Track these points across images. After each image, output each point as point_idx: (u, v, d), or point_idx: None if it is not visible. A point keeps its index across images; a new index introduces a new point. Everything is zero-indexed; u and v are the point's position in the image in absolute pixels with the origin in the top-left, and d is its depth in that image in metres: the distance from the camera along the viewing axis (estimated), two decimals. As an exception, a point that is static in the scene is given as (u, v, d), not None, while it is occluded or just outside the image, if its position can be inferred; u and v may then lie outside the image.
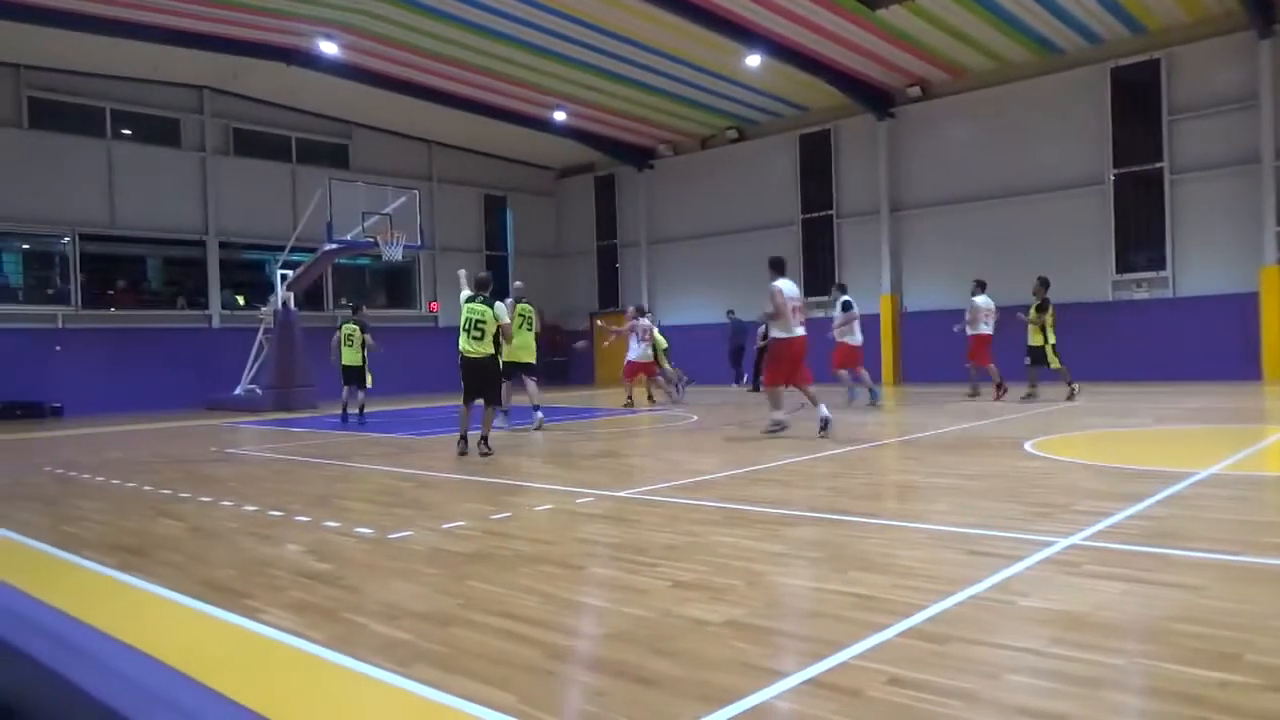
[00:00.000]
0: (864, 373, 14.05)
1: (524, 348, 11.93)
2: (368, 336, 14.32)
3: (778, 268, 10.34)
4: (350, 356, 14.22)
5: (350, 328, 14.34)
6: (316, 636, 3.39)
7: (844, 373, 14.04)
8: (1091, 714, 2.48)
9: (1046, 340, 13.61)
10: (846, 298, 14.25)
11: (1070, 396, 13.37)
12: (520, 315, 11.95)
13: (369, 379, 14.43)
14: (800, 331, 10.13)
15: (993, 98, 19.45)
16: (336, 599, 3.93)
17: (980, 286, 15.00)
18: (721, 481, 6.95)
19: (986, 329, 14.63)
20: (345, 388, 14.45)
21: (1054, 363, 13.57)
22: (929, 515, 5.34)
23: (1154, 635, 3.11)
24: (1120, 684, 2.71)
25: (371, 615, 3.68)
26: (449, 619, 3.56)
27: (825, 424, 9.64)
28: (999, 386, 14.45)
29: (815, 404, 9.92)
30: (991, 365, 14.53)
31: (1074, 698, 2.57)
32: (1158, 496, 5.57)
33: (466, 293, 9.58)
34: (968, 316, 14.75)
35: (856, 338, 14.04)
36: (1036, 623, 3.26)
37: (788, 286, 10.12)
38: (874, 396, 13.70)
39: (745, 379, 19.14)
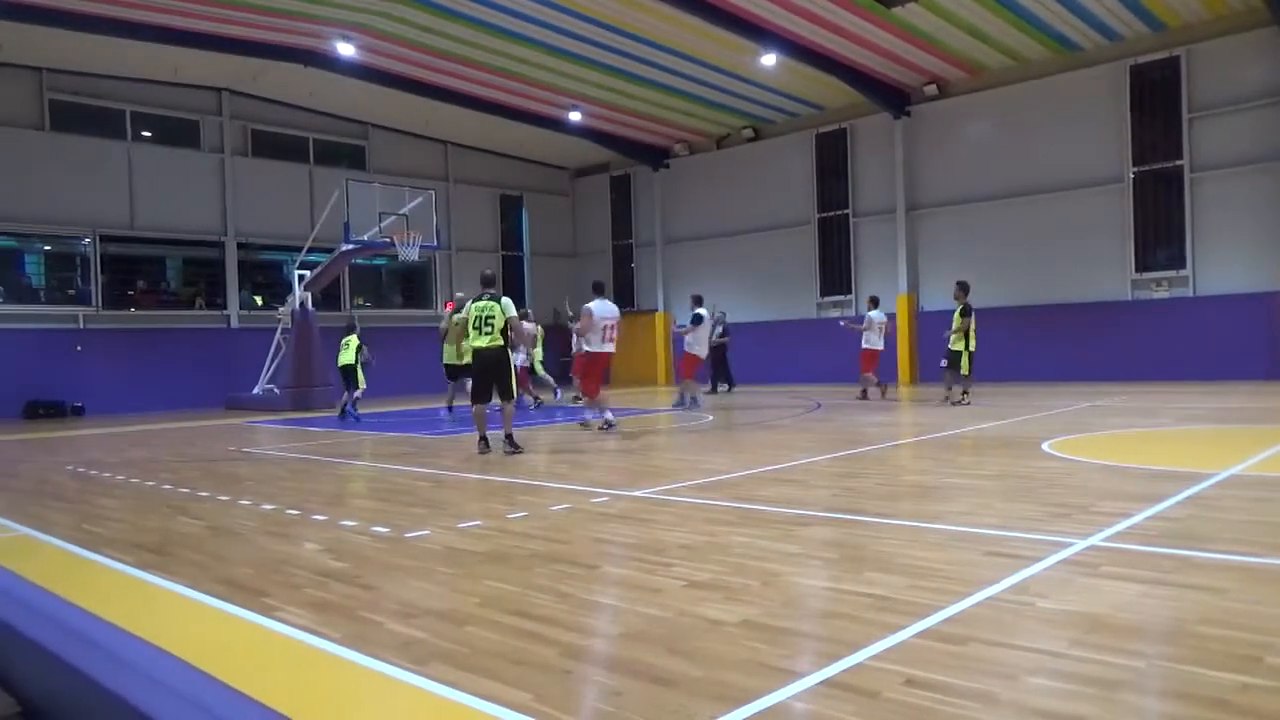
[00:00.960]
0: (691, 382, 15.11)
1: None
2: (364, 347, 15.25)
3: (597, 290, 11.95)
4: (345, 358, 15.02)
5: (348, 338, 15.24)
6: (333, 635, 3.41)
7: (687, 381, 15.13)
8: (1110, 716, 2.46)
9: (966, 347, 13.51)
10: (700, 310, 15.34)
11: (956, 402, 13.45)
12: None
13: (362, 380, 15.21)
14: (609, 348, 11.48)
15: (1010, 96, 19.32)
16: (353, 597, 3.95)
17: (873, 302, 16.25)
18: (737, 481, 6.93)
19: (877, 343, 15.74)
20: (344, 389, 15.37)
21: (965, 368, 13.51)
22: (946, 516, 5.31)
23: (1174, 637, 3.08)
24: (1139, 686, 2.68)
25: (388, 614, 3.69)
26: (465, 618, 3.58)
27: (608, 424, 11.19)
28: (879, 388, 15.94)
29: (602, 409, 11.40)
30: (870, 374, 15.75)
31: (1093, 700, 2.55)
32: (1178, 497, 5.52)
33: (459, 315, 10.39)
34: (864, 327, 15.88)
35: (703, 349, 15.30)
36: (1055, 624, 3.24)
37: (600, 307, 11.43)
38: (696, 404, 14.75)
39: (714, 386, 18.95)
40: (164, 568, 4.66)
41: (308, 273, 18.89)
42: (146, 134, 20.89)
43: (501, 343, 9.38)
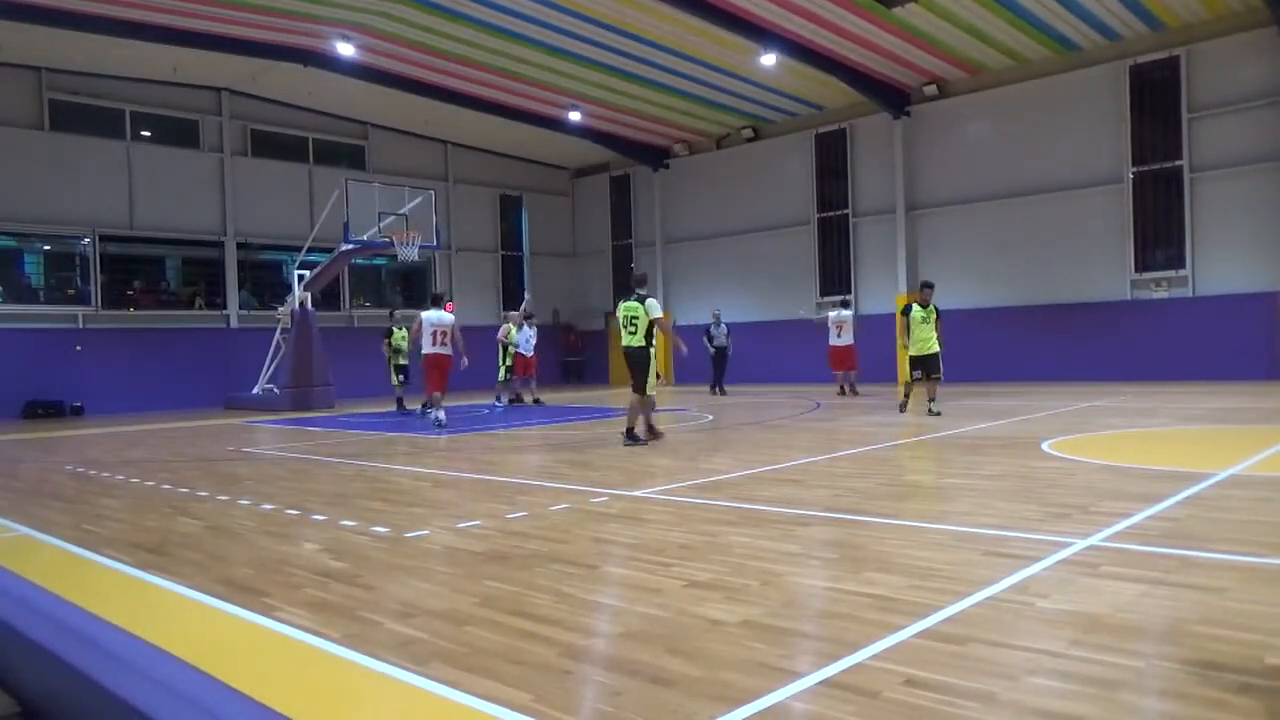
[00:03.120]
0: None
1: None
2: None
3: (434, 301, 13.53)
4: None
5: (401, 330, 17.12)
6: (333, 635, 3.41)
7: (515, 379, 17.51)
8: (1110, 716, 2.46)
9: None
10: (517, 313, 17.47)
11: (902, 409, 12.79)
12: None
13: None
14: (440, 350, 12.93)
15: (1010, 96, 19.32)
16: (353, 597, 3.95)
17: (844, 304, 18.01)
18: (736, 481, 6.93)
19: (844, 339, 17.27)
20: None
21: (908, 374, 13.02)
22: (946, 516, 5.32)
23: (1173, 637, 3.08)
24: (1139, 686, 2.68)
25: (387, 614, 3.69)
26: (465, 618, 3.58)
27: (438, 423, 12.73)
28: (849, 389, 17.09)
29: (438, 405, 12.95)
30: (840, 372, 17.23)
31: (1093, 700, 2.55)
32: (1177, 497, 5.52)
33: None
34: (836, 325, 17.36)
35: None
36: (1055, 624, 3.24)
37: (430, 315, 13.00)
38: (496, 405, 16.75)
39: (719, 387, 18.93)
40: (163, 567, 4.66)
41: (307, 273, 18.87)
42: (146, 134, 20.88)
43: (643, 343, 9.94)
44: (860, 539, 4.79)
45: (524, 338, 17.67)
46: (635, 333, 9.90)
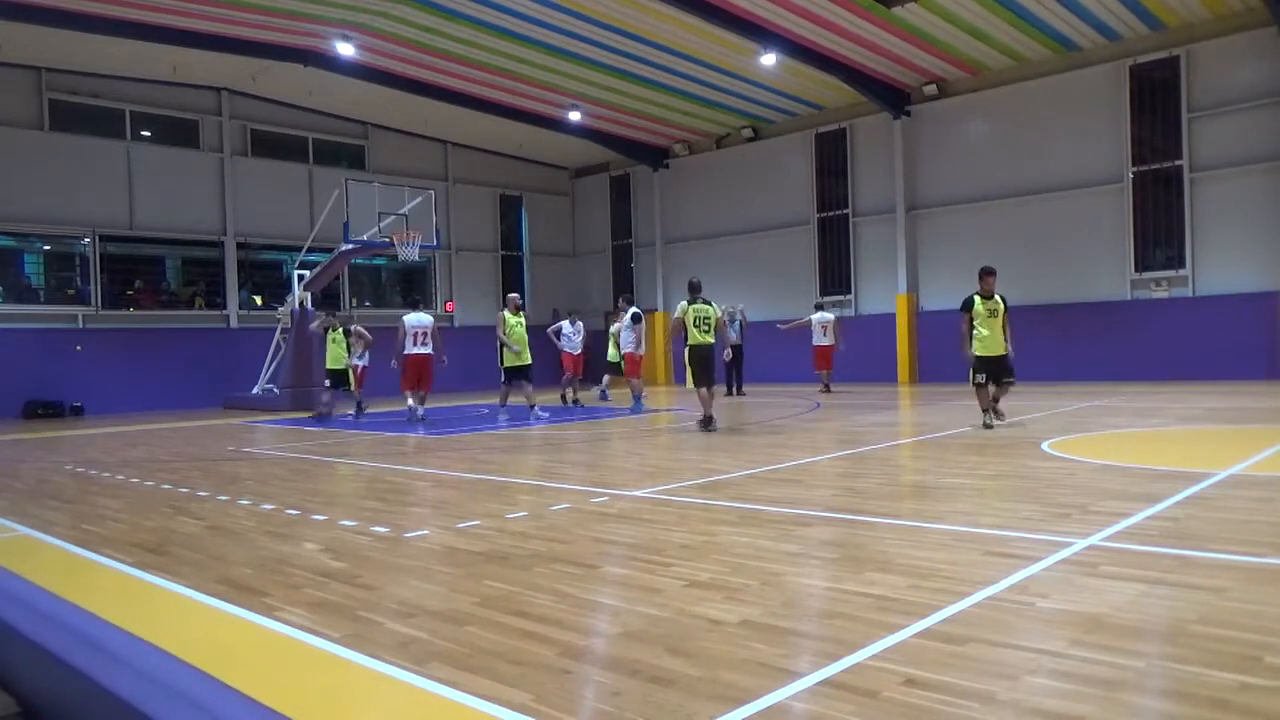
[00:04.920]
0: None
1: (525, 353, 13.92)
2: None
3: (412, 304, 14.42)
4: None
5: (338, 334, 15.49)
6: (332, 634, 3.41)
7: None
8: (1110, 716, 2.46)
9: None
10: (637, 310, 16.68)
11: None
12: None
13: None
14: (420, 350, 13.80)
15: (1010, 96, 19.32)
16: (352, 597, 3.95)
17: (821, 307, 18.86)
18: (737, 481, 6.93)
19: (827, 339, 18.22)
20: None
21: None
22: (946, 515, 5.32)
23: (1173, 637, 3.08)
24: (1139, 686, 2.68)
25: (387, 614, 3.69)
26: (464, 618, 3.58)
27: (414, 416, 13.66)
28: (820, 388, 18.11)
29: (421, 402, 13.91)
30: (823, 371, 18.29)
31: (1093, 700, 2.55)
32: (1177, 497, 5.52)
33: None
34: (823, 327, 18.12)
35: (640, 348, 16.56)
36: (1055, 624, 3.24)
37: (410, 318, 13.96)
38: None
39: (737, 387, 18.82)
40: (163, 567, 4.66)
41: (307, 272, 18.88)
42: (146, 134, 20.88)
43: (713, 341, 11.05)
44: (860, 539, 4.79)
45: (566, 335, 17.09)
46: (708, 331, 11.01)
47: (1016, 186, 19.28)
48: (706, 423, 10.97)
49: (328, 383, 15.46)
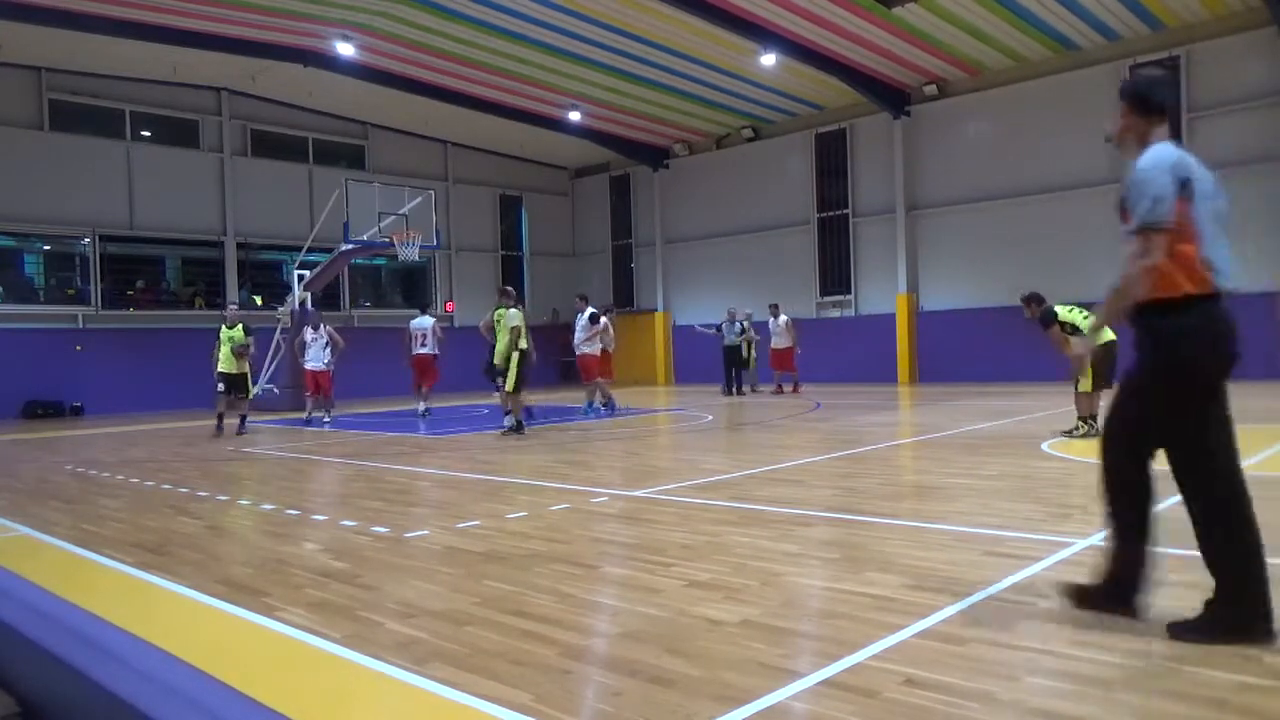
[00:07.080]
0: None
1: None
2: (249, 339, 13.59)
3: (421, 308, 15.66)
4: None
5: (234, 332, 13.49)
6: (333, 635, 3.41)
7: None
8: (1110, 716, 2.46)
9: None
10: (594, 310, 15.00)
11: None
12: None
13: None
14: (420, 351, 14.65)
15: (1010, 96, 19.31)
16: (353, 597, 3.95)
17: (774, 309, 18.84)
18: (737, 481, 6.93)
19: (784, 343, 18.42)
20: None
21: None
22: (946, 516, 5.32)
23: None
24: (1139, 686, 2.68)
25: (387, 614, 3.69)
26: (464, 618, 3.58)
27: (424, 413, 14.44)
28: (789, 387, 18.51)
29: (425, 399, 14.72)
30: (779, 372, 18.64)
31: (1093, 700, 2.55)
32: (1177, 497, 5.51)
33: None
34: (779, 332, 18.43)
35: (594, 348, 14.81)
36: (1055, 624, 3.24)
37: (413, 322, 14.81)
38: (612, 408, 14.52)
39: (736, 387, 18.77)
40: (164, 568, 4.66)
41: (307, 272, 18.86)
42: (146, 134, 20.87)
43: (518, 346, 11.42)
44: (860, 539, 4.79)
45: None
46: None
47: (1016, 186, 19.28)
48: (517, 428, 11.19)
49: (220, 387, 13.49)
